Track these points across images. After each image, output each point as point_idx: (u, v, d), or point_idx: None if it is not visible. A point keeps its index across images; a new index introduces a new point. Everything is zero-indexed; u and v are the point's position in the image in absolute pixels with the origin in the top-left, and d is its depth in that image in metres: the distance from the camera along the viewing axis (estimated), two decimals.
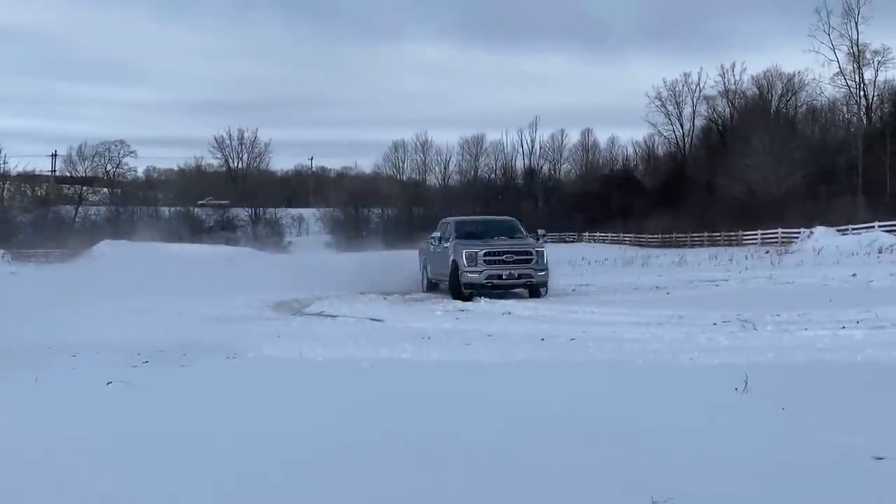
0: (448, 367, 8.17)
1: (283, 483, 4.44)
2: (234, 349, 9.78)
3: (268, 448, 5.12)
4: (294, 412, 6.18)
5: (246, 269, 29.63)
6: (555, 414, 5.77)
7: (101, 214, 72.25)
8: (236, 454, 5.00)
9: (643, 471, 4.45)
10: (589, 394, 6.45)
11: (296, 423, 5.78)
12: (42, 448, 5.20)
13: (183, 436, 5.49)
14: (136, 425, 5.83)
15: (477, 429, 5.42)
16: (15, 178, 71.60)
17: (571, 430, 5.30)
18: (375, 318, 13.39)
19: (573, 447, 4.95)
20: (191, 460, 4.89)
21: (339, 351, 9.46)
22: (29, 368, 8.38)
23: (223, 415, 6.12)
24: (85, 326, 13.47)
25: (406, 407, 6.19)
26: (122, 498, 4.29)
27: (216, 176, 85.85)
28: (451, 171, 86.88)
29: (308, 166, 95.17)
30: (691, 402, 6.11)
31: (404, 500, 4.16)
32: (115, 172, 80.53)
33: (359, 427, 5.59)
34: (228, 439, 5.37)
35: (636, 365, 7.76)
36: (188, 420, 6.00)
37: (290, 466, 4.70)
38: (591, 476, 4.40)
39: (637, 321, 11.51)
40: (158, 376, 7.94)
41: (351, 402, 6.44)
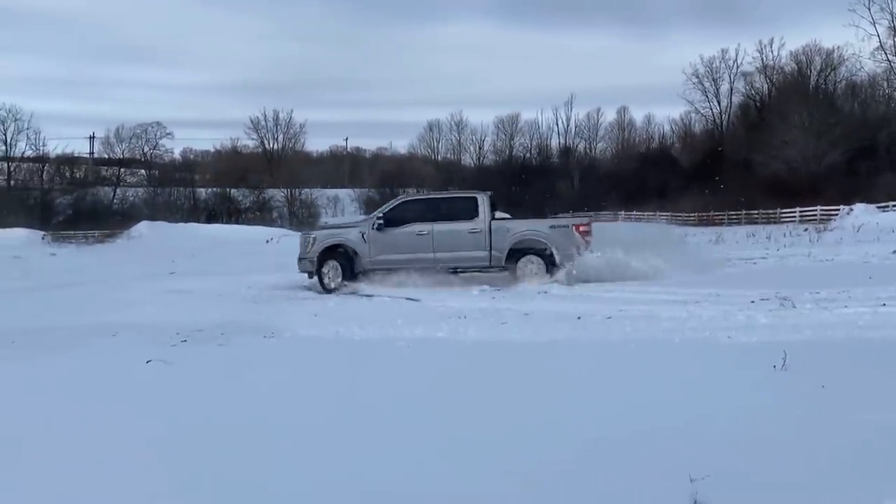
0: (484, 346, 8.17)
1: (317, 463, 4.49)
2: (270, 328, 9.88)
3: (302, 427, 5.17)
4: (328, 391, 6.22)
5: (281, 250, 29.79)
6: (592, 393, 5.76)
7: (139, 196, 73.01)
8: (271, 432, 5.05)
9: (681, 448, 4.43)
10: (625, 373, 6.43)
11: (328, 403, 5.82)
12: (82, 425, 5.29)
13: (219, 414, 5.56)
14: (175, 403, 5.91)
15: (508, 407, 5.43)
16: (54, 161, 72.53)
17: (608, 409, 5.29)
18: (412, 297, 13.41)
19: (610, 425, 4.94)
20: (226, 438, 4.95)
21: (376, 330, 9.50)
22: (71, 348, 8.55)
23: (259, 393, 6.18)
24: (124, 307, 13.67)
25: (443, 386, 6.22)
26: (161, 476, 4.36)
27: (252, 157, 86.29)
28: (486, 151, 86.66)
29: (343, 147, 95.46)
30: (729, 379, 6.07)
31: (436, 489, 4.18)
32: (152, 154, 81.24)
33: (391, 406, 5.62)
34: (263, 417, 5.43)
35: (673, 343, 7.71)
36: (225, 398, 6.08)
37: (321, 448, 4.74)
38: (627, 453, 4.40)
39: (673, 299, 11.42)
40: (197, 355, 8.04)
41: (386, 382, 6.47)
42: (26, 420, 5.46)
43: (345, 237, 17.93)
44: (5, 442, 4.92)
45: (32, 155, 70.98)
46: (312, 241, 17.95)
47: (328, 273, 17.16)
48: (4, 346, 9.08)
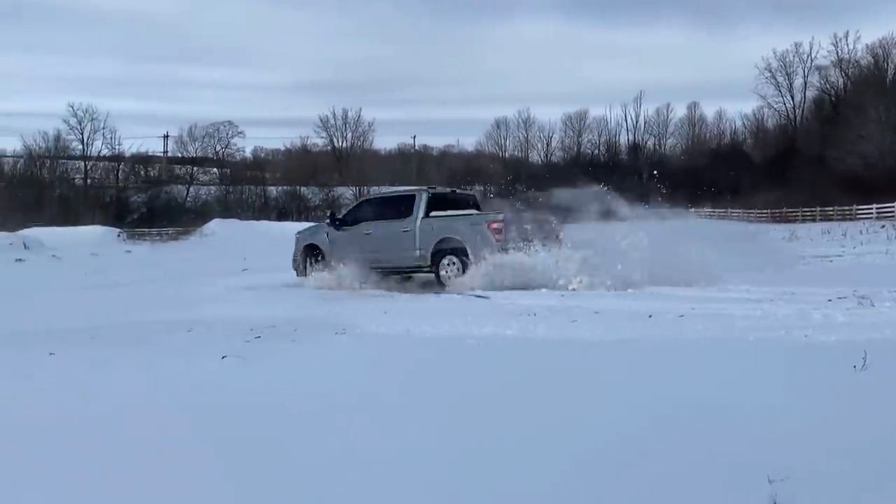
0: (554, 344, 8.13)
1: (391, 460, 4.52)
2: (342, 325, 9.97)
3: (376, 424, 5.21)
4: (402, 389, 6.26)
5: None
6: (665, 393, 5.69)
7: (211, 194, 74.41)
8: (346, 428, 5.11)
9: (758, 449, 4.36)
10: (700, 372, 6.34)
11: (403, 399, 5.86)
12: (164, 421, 5.42)
13: (292, 409, 5.64)
14: (250, 399, 6.01)
15: (585, 409, 5.40)
16: (129, 160, 74.35)
17: (683, 409, 5.22)
18: (481, 294, 13.42)
19: (685, 425, 4.88)
20: (299, 433, 5.02)
21: (445, 327, 9.52)
22: (148, 343, 8.76)
23: (334, 390, 6.25)
24: (198, 303, 13.95)
25: (513, 385, 6.21)
26: (245, 467, 4.44)
27: (321, 155, 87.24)
28: (554, 148, 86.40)
29: (411, 145, 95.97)
30: (807, 380, 5.94)
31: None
32: (225, 153, 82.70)
33: (461, 405, 5.63)
34: (338, 414, 5.49)
35: (748, 342, 7.58)
36: (298, 394, 6.16)
37: (398, 443, 4.78)
38: (704, 454, 4.34)
39: (747, 297, 11.22)
40: (270, 351, 8.16)
41: (455, 381, 6.49)
42: (109, 414, 5.61)
43: (317, 237, 18.02)
44: (98, 436, 5.06)
45: (108, 154, 72.96)
46: (296, 241, 18.10)
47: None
48: (84, 341, 9.33)
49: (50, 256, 35.46)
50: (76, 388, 6.53)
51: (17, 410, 5.73)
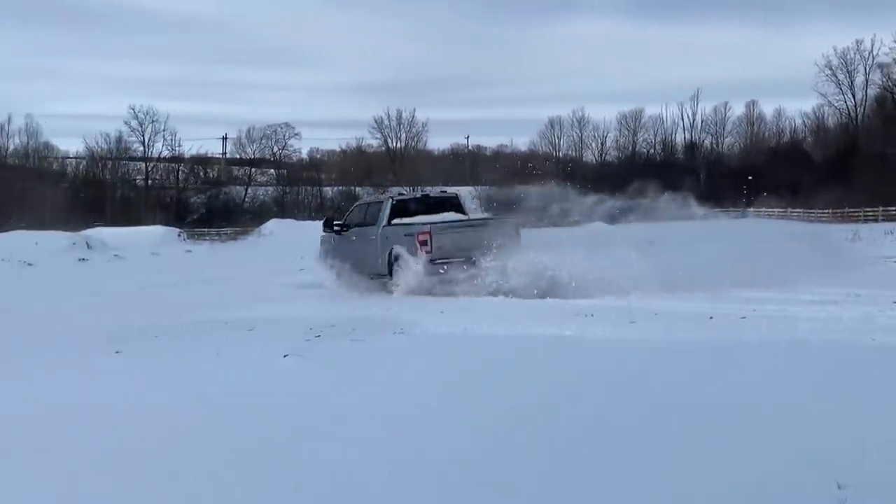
0: (613, 345, 8.09)
1: (455, 459, 4.54)
2: (400, 324, 10.02)
3: (438, 421, 5.23)
4: (462, 389, 6.27)
5: None
6: (731, 396, 5.63)
7: (269, 194, 75.27)
8: (407, 426, 5.14)
9: (828, 454, 4.28)
10: (764, 375, 6.25)
11: (464, 400, 5.87)
12: (232, 418, 5.50)
13: (353, 408, 5.69)
14: (312, 397, 6.08)
15: (653, 410, 5.36)
16: (189, 161, 75.55)
17: (749, 413, 5.16)
18: (538, 295, 13.36)
19: (749, 427, 4.82)
20: (358, 431, 5.06)
21: (504, 327, 9.52)
22: (212, 342, 8.89)
23: (394, 390, 6.28)
24: (258, 302, 14.12)
25: (571, 388, 6.19)
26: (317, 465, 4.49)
27: (376, 156, 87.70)
28: (609, 147, 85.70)
29: (464, 145, 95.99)
30: (875, 383, 5.83)
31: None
32: (281, 154, 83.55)
33: (516, 406, 5.63)
34: (399, 412, 5.53)
35: (813, 345, 7.45)
36: (359, 392, 6.22)
37: (461, 443, 4.79)
38: (774, 458, 4.28)
39: (810, 299, 11.03)
40: (331, 350, 8.23)
41: (517, 381, 6.48)
42: (175, 411, 5.72)
43: (324, 241, 18.19)
44: (163, 431, 5.17)
45: (168, 155, 74.27)
46: (320, 243, 18.25)
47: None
48: (148, 339, 9.51)
49: (112, 256, 36.16)
50: (141, 385, 6.66)
51: (85, 406, 5.86)
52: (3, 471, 4.47)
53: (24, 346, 8.90)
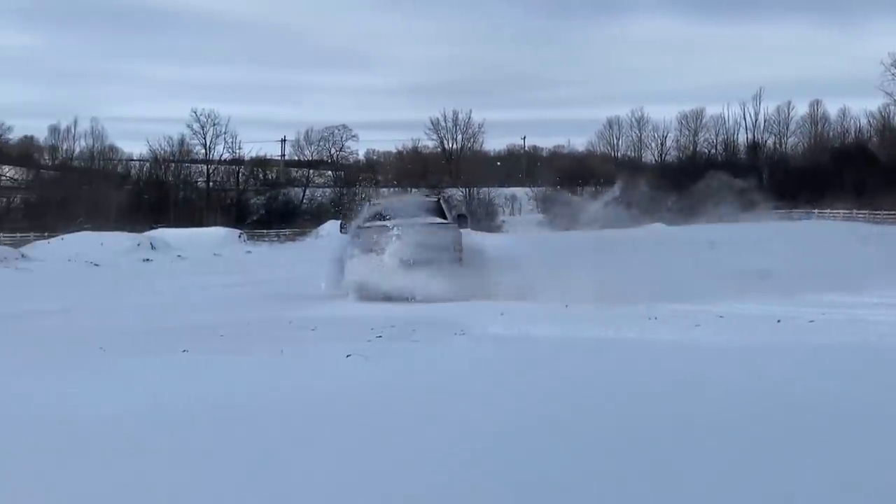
0: (678, 348, 7.98)
1: (520, 460, 4.51)
2: (460, 325, 10.02)
3: (495, 421, 5.20)
4: (525, 393, 6.23)
5: (464, 248, 30.15)
6: (804, 404, 5.50)
7: (326, 196, 75.86)
8: (466, 428, 5.11)
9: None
10: (837, 380, 6.10)
11: (514, 403, 5.83)
12: (292, 416, 5.54)
13: (415, 409, 5.69)
14: (376, 398, 6.10)
15: (716, 412, 5.27)
16: (248, 163, 76.51)
17: (825, 417, 5.04)
18: (597, 296, 13.25)
19: (834, 435, 4.70)
20: (421, 433, 5.05)
21: (565, 329, 9.47)
22: (276, 341, 8.98)
23: (456, 392, 6.27)
24: (319, 301, 14.24)
25: (644, 394, 6.11)
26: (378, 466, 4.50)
27: (432, 157, 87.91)
28: (669, 148, 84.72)
29: (520, 146, 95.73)
30: None
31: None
32: (339, 155, 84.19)
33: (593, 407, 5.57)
34: (460, 413, 5.51)
35: (888, 348, 7.27)
36: (421, 394, 6.21)
37: (519, 452, 4.76)
38: (849, 465, 4.18)
39: (880, 302, 10.79)
40: (393, 350, 8.27)
41: (579, 385, 6.42)
42: (242, 409, 5.77)
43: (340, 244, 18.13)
44: (229, 430, 5.22)
45: (229, 158, 75.28)
46: None
47: None
48: (213, 338, 9.64)
49: (175, 256, 36.78)
50: (207, 383, 6.74)
51: (152, 404, 5.95)
52: (109, 468, 4.52)
53: (94, 344, 9.06)
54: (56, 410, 5.72)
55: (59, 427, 5.24)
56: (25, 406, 5.84)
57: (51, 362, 7.79)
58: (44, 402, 6.00)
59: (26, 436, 5.07)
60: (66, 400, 6.06)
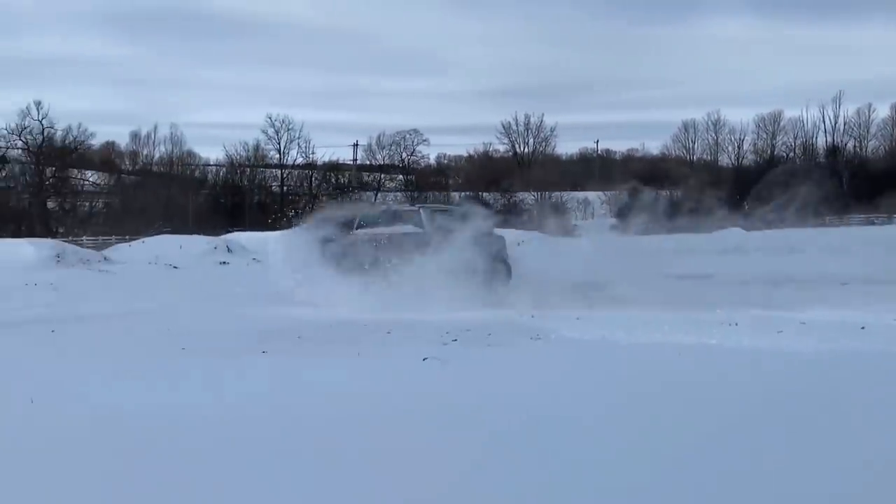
0: (760, 355, 7.81)
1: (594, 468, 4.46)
2: (536, 330, 9.97)
3: (586, 441, 5.16)
4: (606, 400, 6.17)
5: (533, 252, 30.07)
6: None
7: (397, 200, 76.27)
8: (536, 433, 5.08)
9: None
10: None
11: (609, 412, 5.77)
12: (372, 417, 5.57)
13: (493, 412, 5.67)
14: (454, 400, 6.10)
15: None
16: (321, 168, 77.44)
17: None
18: (675, 302, 13.05)
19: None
20: (498, 437, 5.03)
21: (642, 335, 9.34)
22: (352, 343, 9.05)
23: (533, 397, 6.23)
24: (391, 305, 14.29)
25: (717, 401, 6.00)
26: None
27: (503, 161, 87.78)
28: (746, 151, 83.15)
29: (593, 149, 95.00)
30: None
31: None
32: (410, 160, 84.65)
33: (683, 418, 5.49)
34: (533, 418, 5.47)
35: None
36: (500, 396, 6.19)
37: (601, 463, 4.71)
38: None
39: None
40: (469, 354, 8.26)
41: (662, 394, 6.33)
42: (322, 410, 5.83)
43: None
44: (311, 430, 5.27)
45: (302, 162, 76.34)
46: None
47: None
48: (291, 340, 9.76)
49: (251, 259, 37.33)
50: (288, 384, 6.83)
51: (235, 405, 6.05)
52: (204, 466, 4.62)
53: (177, 345, 9.26)
54: (144, 411, 5.86)
55: (149, 428, 5.36)
56: (116, 408, 5.99)
57: (137, 364, 7.98)
58: (134, 404, 6.15)
59: (119, 438, 5.20)
60: (154, 403, 6.20)
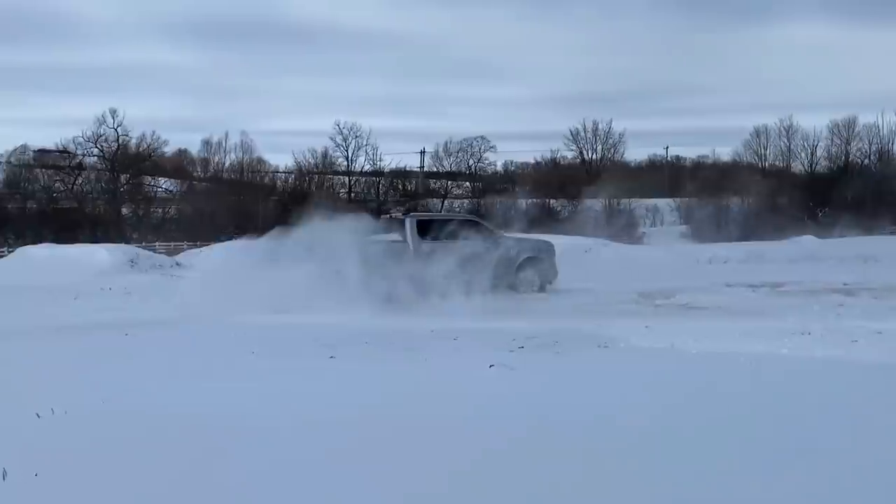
0: (835, 366, 7.63)
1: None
2: (604, 338, 9.89)
3: (641, 442, 5.10)
4: (680, 411, 6.09)
5: (600, 260, 29.86)
6: None
7: (464, 207, 76.36)
8: (612, 440, 5.03)
9: None
10: None
11: (682, 423, 5.70)
12: (444, 423, 5.59)
13: (562, 418, 5.64)
14: (521, 406, 6.08)
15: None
16: (388, 174, 78.03)
17: None
18: (745, 310, 12.85)
19: None
20: (568, 442, 5.00)
21: (712, 344, 9.20)
22: (420, 349, 9.08)
23: (603, 406, 6.18)
24: (456, 311, 14.32)
25: (797, 415, 5.88)
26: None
27: (570, 168, 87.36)
28: (819, 157, 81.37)
29: (662, 156, 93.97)
30: None
31: None
32: (477, 167, 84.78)
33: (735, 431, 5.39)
34: (605, 425, 5.43)
35: None
36: (569, 403, 6.16)
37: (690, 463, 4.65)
38: None
39: None
40: (536, 361, 8.23)
41: (736, 406, 6.21)
42: (391, 414, 5.87)
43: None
44: (382, 434, 5.31)
45: (370, 169, 77.01)
46: None
47: None
48: (359, 345, 9.83)
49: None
50: (356, 389, 6.89)
51: (307, 408, 6.12)
52: (279, 468, 4.70)
53: (246, 348, 9.40)
54: (223, 414, 5.97)
55: (231, 428, 5.47)
56: (196, 410, 6.10)
57: (211, 366, 8.13)
58: (212, 406, 6.27)
59: (196, 439, 5.31)
60: (230, 405, 6.31)
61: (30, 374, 7.99)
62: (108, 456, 4.87)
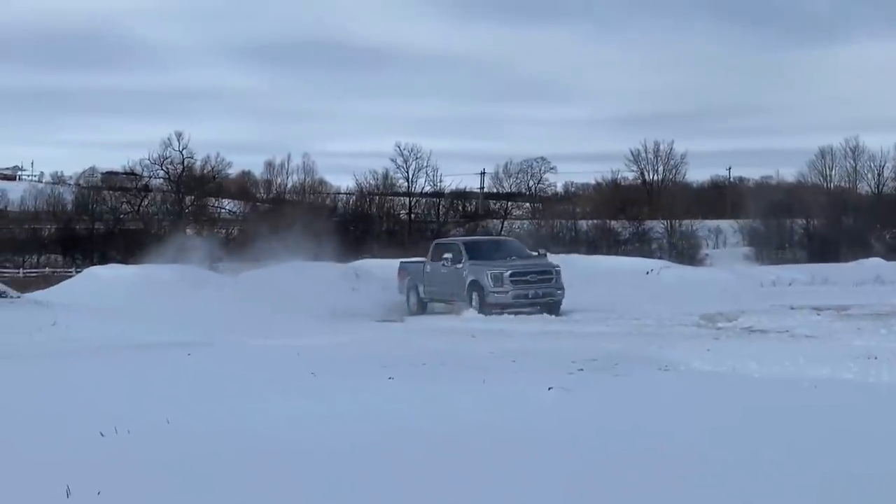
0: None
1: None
2: (664, 361, 9.83)
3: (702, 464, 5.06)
4: (741, 436, 6.02)
5: (662, 281, 29.61)
6: None
7: (524, 228, 76.24)
8: (673, 462, 5.01)
9: None
10: None
11: (743, 450, 5.64)
12: (505, 443, 5.61)
13: (622, 441, 5.63)
14: (578, 429, 6.08)
15: None
16: (448, 195, 78.25)
17: None
18: (809, 334, 12.65)
19: None
20: (629, 465, 4.98)
21: (775, 368, 9.09)
22: (482, 371, 9.10)
23: (665, 431, 6.14)
24: (515, 334, 14.34)
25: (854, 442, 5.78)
26: None
27: (631, 188, 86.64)
28: (886, 178, 79.57)
29: (725, 176, 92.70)
30: None
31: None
32: (537, 188, 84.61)
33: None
34: (667, 448, 5.40)
35: None
36: (629, 426, 6.14)
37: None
38: None
39: None
40: (595, 384, 8.20)
41: (801, 433, 6.12)
42: (452, 434, 5.91)
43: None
44: (443, 453, 5.36)
45: (430, 190, 77.36)
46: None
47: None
48: (416, 366, 9.87)
49: (380, 287, 37.93)
50: (414, 410, 6.94)
51: (362, 426, 6.20)
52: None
53: (306, 369, 9.51)
54: (286, 437, 6.07)
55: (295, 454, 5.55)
56: (262, 431, 6.19)
57: (273, 387, 8.24)
58: (282, 428, 6.36)
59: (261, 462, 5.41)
60: (291, 426, 6.41)
61: (94, 391, 8.11)
62: (171, 476, 4.94)
